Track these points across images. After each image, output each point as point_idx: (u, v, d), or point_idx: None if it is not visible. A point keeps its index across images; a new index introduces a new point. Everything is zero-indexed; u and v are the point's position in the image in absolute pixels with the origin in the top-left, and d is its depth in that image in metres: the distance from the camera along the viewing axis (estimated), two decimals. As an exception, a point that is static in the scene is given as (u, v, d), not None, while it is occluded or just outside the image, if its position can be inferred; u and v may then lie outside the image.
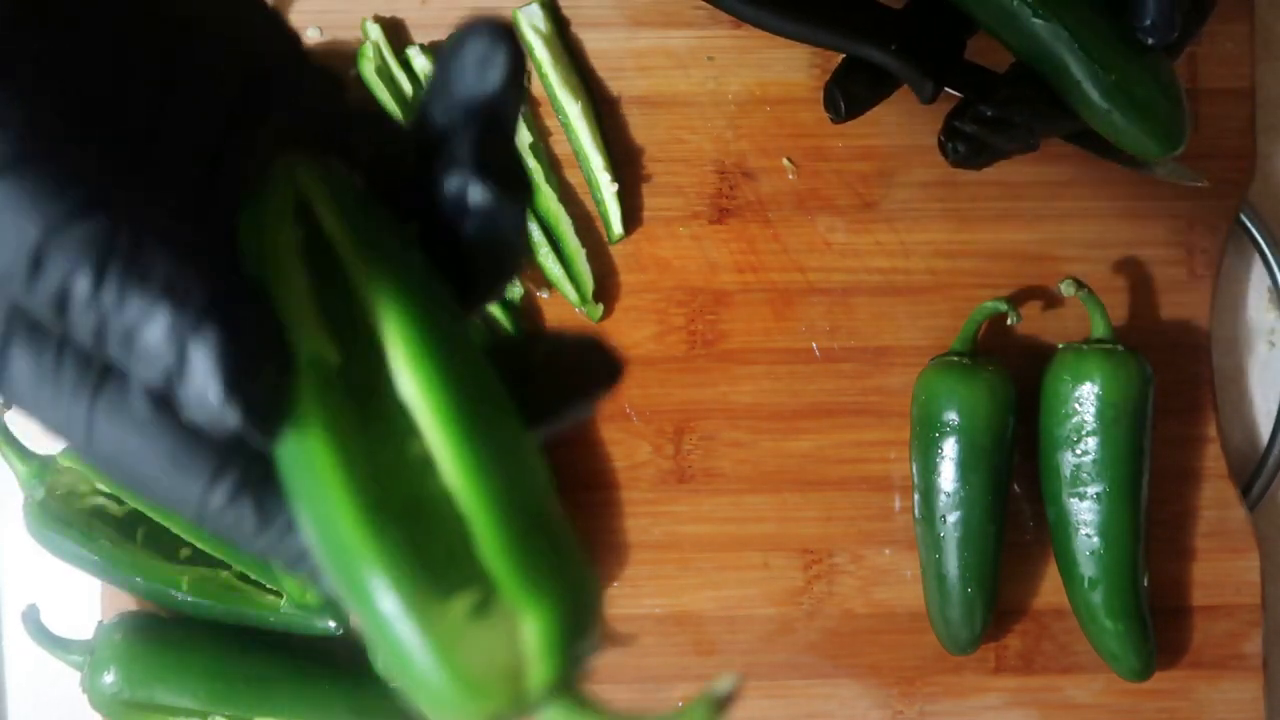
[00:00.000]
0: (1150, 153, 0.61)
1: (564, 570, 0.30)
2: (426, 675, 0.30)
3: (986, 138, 0.60)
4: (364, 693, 0.74)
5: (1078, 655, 0.77)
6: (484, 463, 0.30)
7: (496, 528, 0.29)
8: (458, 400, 0.30)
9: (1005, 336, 0.77)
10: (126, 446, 0.31)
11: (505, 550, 0.29)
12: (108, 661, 0.71)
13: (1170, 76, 0.60)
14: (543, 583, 0.29)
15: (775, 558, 0.77)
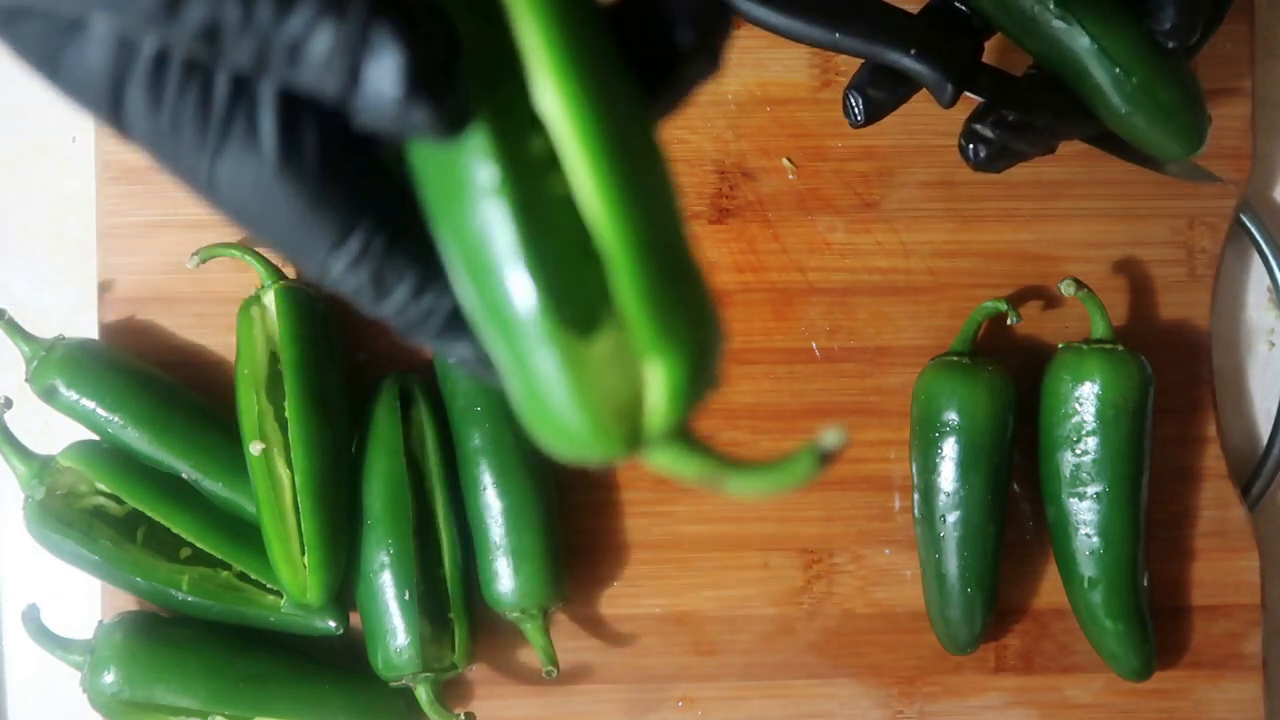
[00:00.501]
0: (1171, 154, 0.61)
1: (696, 320, 0.30)
2: (561, 410, 0.30)
3: (1008, 141, 0.60)
4: (364, 693, 0.74)
5: (1078, 655, 0.77)
6: (626, 189, 0.29)
7: (637, 274, 0.29)
8: (606, 134, 0.29)
9: (1005, 336, 0.77)
10: (251, 203, 0.30)
11: (644, 298, 0.29)
12: (108, 661, 0.71)
13: (1191, 78, 0.60)
14: (675, 333, 0.29)
15: (775, 558, 0.77)
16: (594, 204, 0.29)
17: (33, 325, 0.75)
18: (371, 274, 0.31)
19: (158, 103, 0.30)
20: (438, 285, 0.32)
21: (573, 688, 0.77)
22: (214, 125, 0.30)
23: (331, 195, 0.31)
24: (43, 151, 0.79)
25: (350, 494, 0.73)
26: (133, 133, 0.31)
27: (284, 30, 0.27)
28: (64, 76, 0.30)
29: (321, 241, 0.31)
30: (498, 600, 0.73)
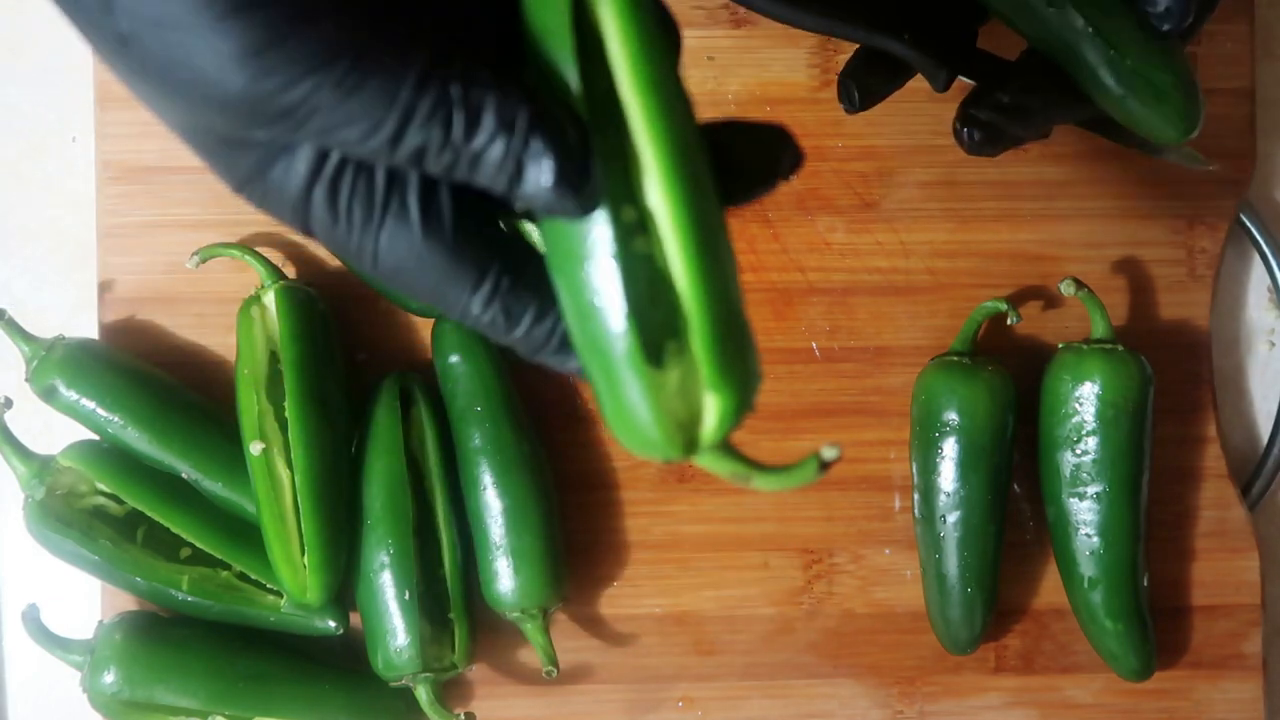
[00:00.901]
0: (1165, 137, 0.60)
1: (745, 366, 0.42)
2: (639, 422, 0.39)
3: (1003, 125, 0.60)
4: (364, 693, 0.74)
5: (1078, 655, 0.77)
6: (708, 268, 0.39)
7: (709, 332, 0.39)
8: (695, 210, 0.38)
9: (1005, 336, 0.77)
10: (406, 265, 0.40)
11: (711, 349, 0.40)
12: (108, 661, 0.71)
13: (1184, 61, 0.60)
14: (730, 375, 0.41)
15: (775, 558, 0.77)
16: (683, 277, 0.39)
17: (33, 325, 0.75)
18: (502, 309, 0.41)
19: (335, 201, 0.39)
20: (553, 314, 0.41)
21: (573, 688, 0.77)
22: (376, 211, 0.39)
23: (465, 250, 0.40)
24: (43, 151, 0.79)
25: (350, 494, 0.73)
26: (314, 226, 0.40)
27: (470, 147, 0.37)
28: (261, 189, 0.39)
29: (462, 288, 0.40)
30: (498, 600, 0.73)
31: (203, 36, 0.34)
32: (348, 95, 0.36)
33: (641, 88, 0.38)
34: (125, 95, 0.78)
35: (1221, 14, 0.76)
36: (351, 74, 0.35)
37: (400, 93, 0.36)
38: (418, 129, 0.36)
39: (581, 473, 0.77)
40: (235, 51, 0.35)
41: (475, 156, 0.37)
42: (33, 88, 0.79)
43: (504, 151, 0.37)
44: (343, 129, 0.36)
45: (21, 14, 0.79)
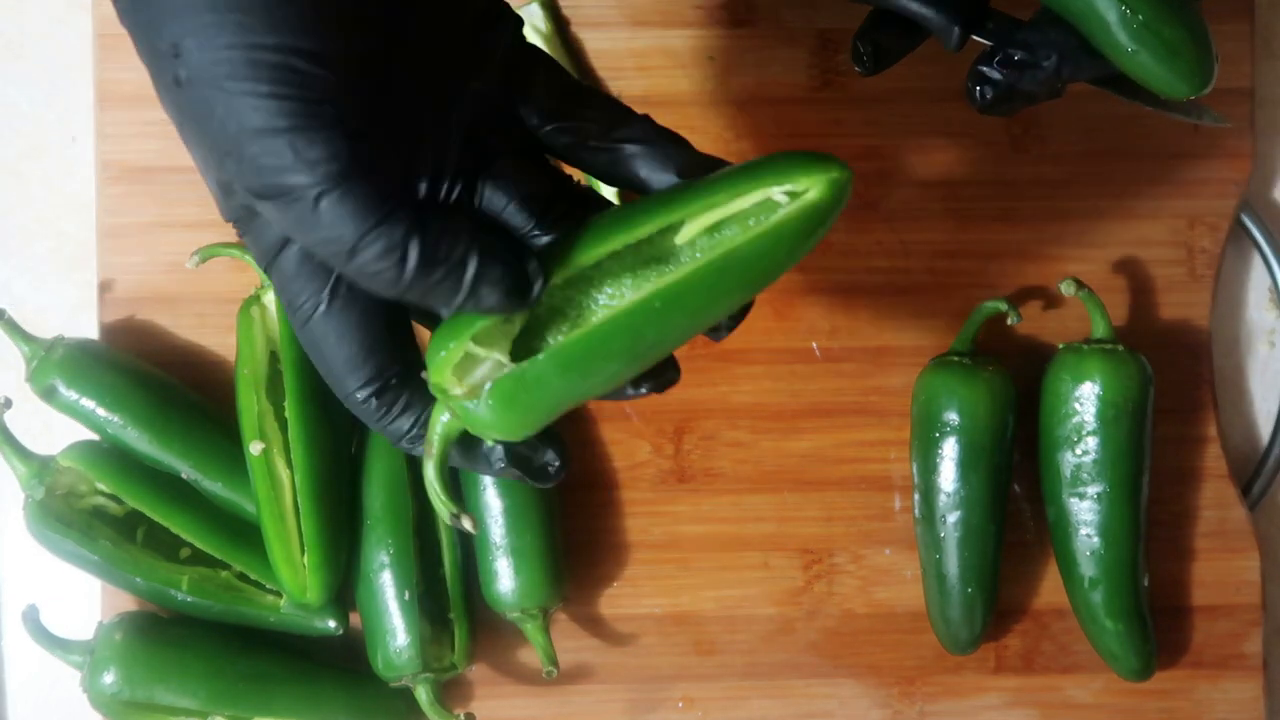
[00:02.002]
0: (1179, 93, 0.60)
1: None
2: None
3: (1014, 81, 0.60)
4: (364, 693, 0.74)
5: (1078, 655, 0.77)
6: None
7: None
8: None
9: (1005, 336, 0.77)
10: (326, 340, 0.47)
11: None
12: (108, 661, 0.71)
13: (1196, 16, 0.60)
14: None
15: (775, 558, 0.77)
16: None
17: (33, 325, 0.75)
18: (378, 403, 0.48)
19: (301, 266, 0.46)
20: (419, 416, 0.49)
21: (573, 688, 0.77)
22: (327, 289, 0.47)
23: (376, 351, 0.47)
24: (43, 151, 0.79)
25: (350, 494, 0.73)
26: (273, 274, 0.47)
27: (421, 282, 0.43)
28: (245, 226, 0.47)
29: (357, 378, 0.48)
30: (498, 600, 0.73)
31: (230, 104, 0.41)
32: (334, 201, 0.41)
33: None
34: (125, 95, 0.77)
35: (1221, 14, 0.76)
36: (339, 186, 0.41)
37: (364, 217, 0.42)
38: (372, 252, 0.42)
39: (581, 473, 0.77)
40: (257, 129, 0.41)
41: (425, 290, 0.43)
42: (33, 88, 0.79)
43: (455, 284, 0.44)
44: (321, 228, 0.42)
45: (21, 14, 0.79)
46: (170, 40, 0.41)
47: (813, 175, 0.47)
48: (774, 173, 0.47)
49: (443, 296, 0.44)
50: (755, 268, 0.47)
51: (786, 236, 0.47)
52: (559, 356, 0.46)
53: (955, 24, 0.61)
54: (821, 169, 0.47)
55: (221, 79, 0.40)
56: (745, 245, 0.46)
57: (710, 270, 0.46)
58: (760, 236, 0.46)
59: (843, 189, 0.47)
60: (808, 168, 0.47)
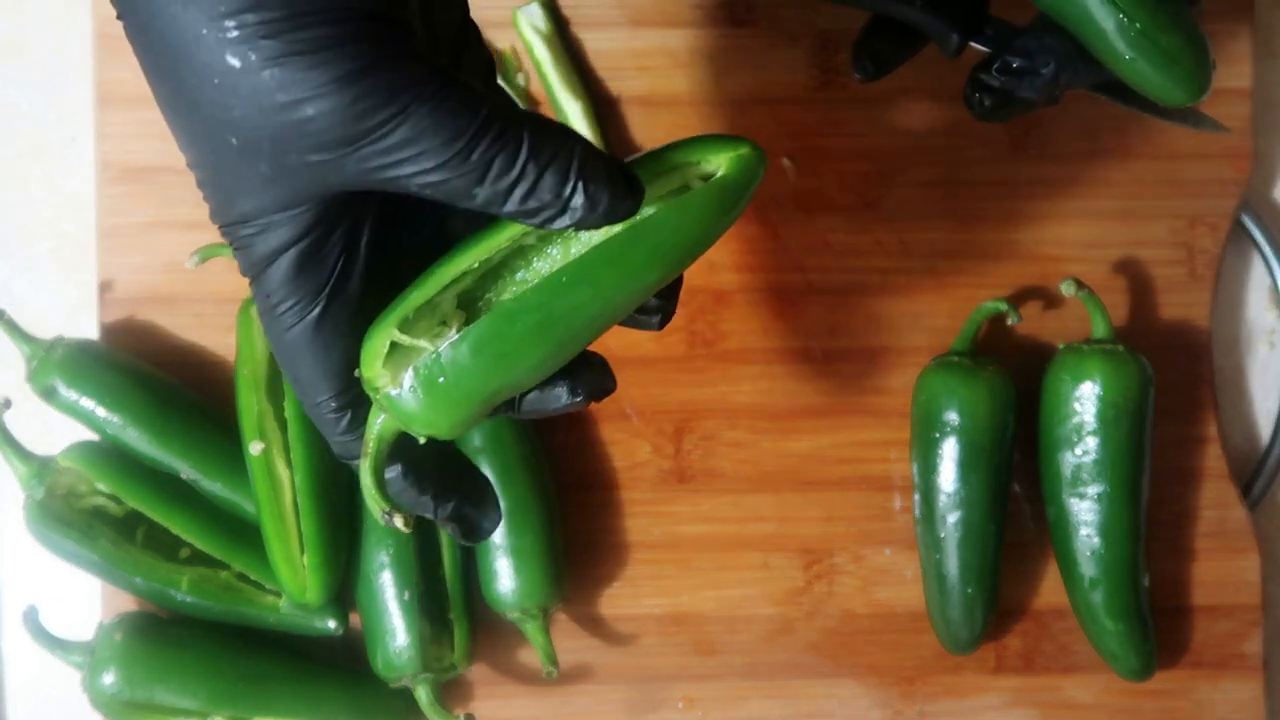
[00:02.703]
0: (1175, 100, 0.60)
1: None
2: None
3: (1012, 89, 0.60)
4: (364, 693, 0.74)
5: (1078, 655, 0.77)
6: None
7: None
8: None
9: (1005, 336, 0.77)
10: (303, 349, 0.47)
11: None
12: (108, 661, 0.71)
13: (1194, 24, 0.60)
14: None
15: (775, 558, 0.77)
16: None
17: (33, 325, 0.75)
18: (348, 417, 0.48)
19: (294, 275, 0.46)
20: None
21: (573, 688, 0.77)
22: (313, 298, 0.46)
23: (351, 367, 0.47)
24: (43, 151, 0.79)
25: (350, 494, 0.73)
26: (263, 283, 0.46)
27: (534, 165, 0.43)
28: (238, 232, 0.45)
29: (329, 390, 0.48)
30: (498, 600, 0.73)
31: (308, 71, 0.41)
32: (431, 112, 0.42)
33: None
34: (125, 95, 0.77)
35: (1221, 14, 0.76)
36: (440, 92, 0.42)
37: (480, 109, 0.42)
38: (491, 142, 0.42)
39: (581, 473, 0.77)
40: (337, 76, 0.41)
41: (538, 177, 0.43)
42: (33, 88, 0.79)
43: (559, 180, 0.43)
44: (423, 141, 0.42)
45: (21, 14, 0.79)
46: (220, 17, 0.41)
47: (722, 154, 0.48)
48: (685, 153, 0.48)
49: (550, 188, 0.43)
50: (666, 242, 0.47)
51: (695, 210, 0.47)
52: (473, 338, 0.46)
53: (954, 31, 0.61)
54: (730, 147, 0.48)
55: (297, 41, 0.41)
56: (652, 219, 0.47)
57: (617, 244, 0.46)
58: (668, 210, 0.47)
59: (753, 167, 0.48)
60: (718, 147, 0.48)
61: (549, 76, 0.75)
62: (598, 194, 0.44)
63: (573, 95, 0.75)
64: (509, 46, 0.76)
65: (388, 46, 0.42)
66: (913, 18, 0.61)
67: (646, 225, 0.47)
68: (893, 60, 0.63)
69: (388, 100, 0.41)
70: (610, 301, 0.47)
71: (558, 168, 0.43)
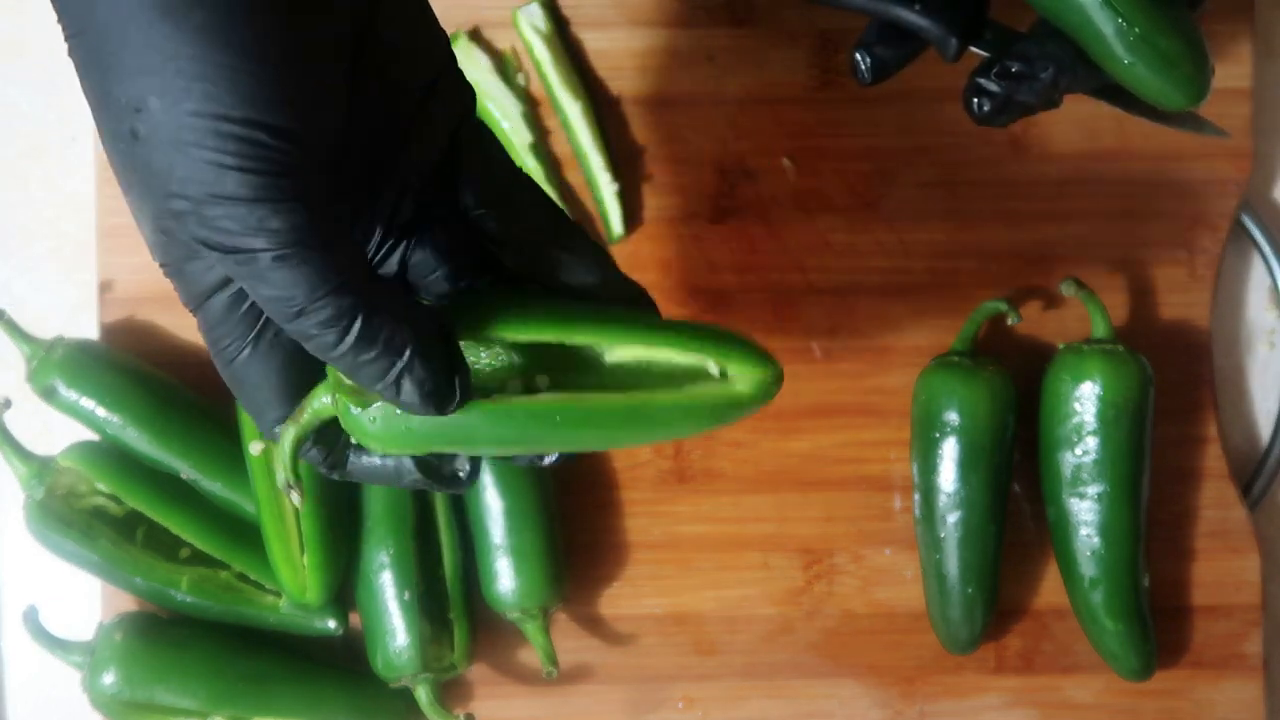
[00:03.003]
0: (1174, 104, 0.61)
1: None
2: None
3: (1012, 93, 0.60)
4: (364, 693, 0.74)
5: (1078, 655, 0.77)
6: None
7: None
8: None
9: (1005, 336, 0.77)
10: (249, 379, 0.48)
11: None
12: (108, 661, 0.71)
13: (1193, 28, 0.60)
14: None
15: (775, 558, 0.77)
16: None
17: (33, 325, 0.75)
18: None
19: (231, 310, 0.47)
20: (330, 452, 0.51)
21: (573, 688, 0.77)
22: (253, 333, 0.47)
23: (296, 392, 0.49)
24: (43, 151, 0.79)
25: (350, 494, 0.73)
26: (203, 313, 0.47)
27: (356, 357, 0.44)
28: (179, 271, 0.47)
29: (275, 414, 0.49)
30: (498, 600, 0.73)
31: (194, 167, 0.41)
32: (281, 266, 0.42)
33: None
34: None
35: (1221, 14, 0.76)
36: (297, 253, 0.42)
37: (325, 285, 0.43)
38: (316, 318, 0.43)
39: (581, 473, 0.77)
40: (214, 195, 0.41)
41: (355, 364, 0.44)
42: (33, 88, 0.79)
43: (386, 368, 0.45)
44: (265, 284, 0.43)
45: (21, 14, 0.79)
46: (132, 95, 0.41)
47: (748, 368, 0.49)
48: (718, 348, 0.49)
49: (368, 376, 0.45)
50: (660, 427, 0.48)
51: (700, 413, 0.48)
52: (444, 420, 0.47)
53: (953, 35, 0.61)
54: (759, 366, 0.49)
55: (186, 143, 0.41)
56: (660, 405, 0.48)
57: (619, 413, 0.48)
58: (677, 404, 0.48)
59: (768, 391, 0.49)
60: (748, 359, 0.49)
61: (549, 76, 0.75)
62: (412, 398, 0.45)
63: (573, 95, 0.75)
64: (509, 46, 0.76)
65: (280, 187, 0.42)
66: (912, 23, 0.61)
67: (650, 407, 0.48)
68: (892, 65, 0.63)
69: (243, 235, 0.42)
70: (577, 445, 0.49)
71: (378, 366, 0.44)
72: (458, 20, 0.76)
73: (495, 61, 0.76)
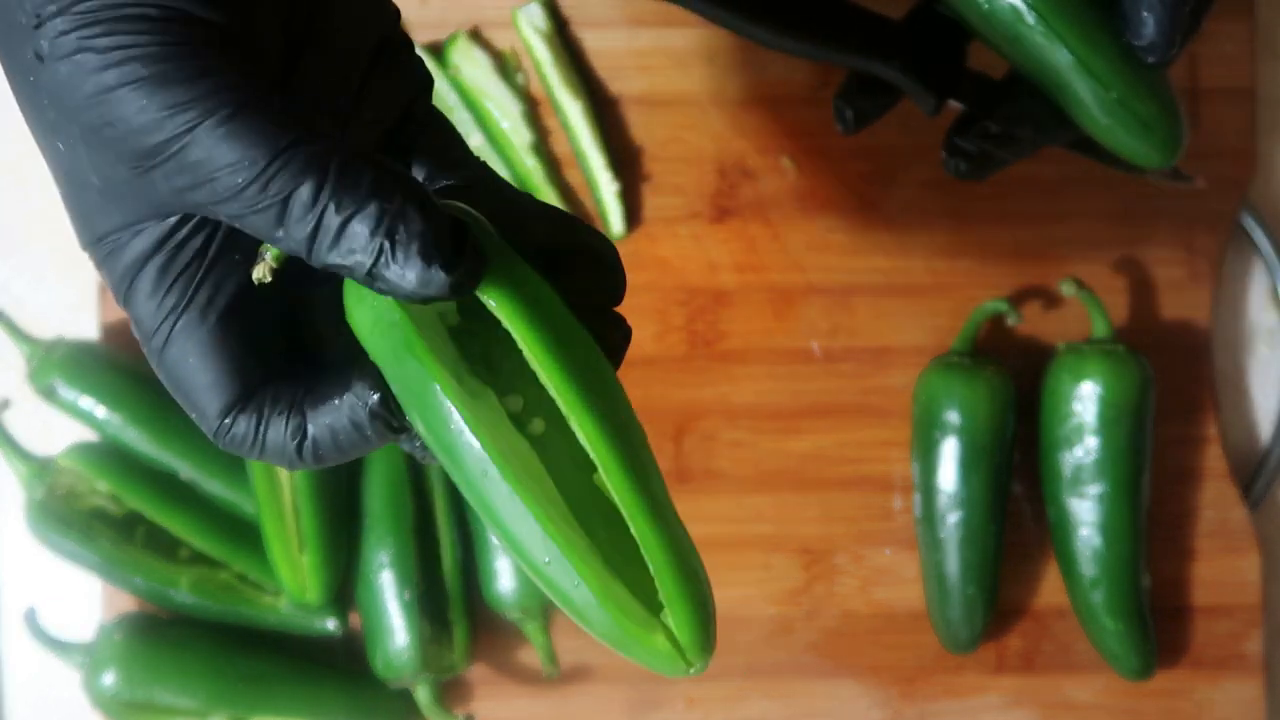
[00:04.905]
0: (1149, 162, 0.63)
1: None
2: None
3: (990, 152, 0.62)
4: (364, 693, 0.74)
5: (1078, 655, 0.77)
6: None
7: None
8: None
9: (1005, 336, 0.77)
10: (185, 359, 0.40)
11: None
12: (108, 662, 0.71)
13: (1168, 91, 0.62)
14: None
15: (775, 558, 0.77)
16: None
17: (33, 325, 0.75)
18: (252, 427, 0.41)
19: (161, 279, 0.40)
20: (299, 437, 0.41)
21: (573, 688, 0.77)
22: (186, 298, 0.40)
23: (241, 363, 0.41)
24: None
25: (350, 494, 0.73)
26: (133, 298, 0.41)
27: (338, 213, 0.36)
28: (106, 249, 0.41)
29: (221, 400, 0.41)
30: (498, 600, 0.73)
31: (102, 73, 0.38)
32: (225, 134, 0.37)
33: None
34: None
35: (1221, 14, 0.76)
36: (238, 112, 0.37)
37: (283, 137, 0.36)
38: (289, 173, 0.36)
39: (581, 473, 0.77)
40: (124, 81, 0.37)
41: (341, 225, 0.36)
42: (33, 88, 0.79)
43: (375, 221, 0.36)
44: (212, 165, 0.37)
45: (21, 14, 0.79)
46: (30, 9, 0.38)
47: (683, 630, 0.39)
48: (677, 586, 0.39)
49: (357, 238, 0.36)
50: (567, 597, 0.42)
51: (620, 624, 0.42)
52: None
53: (931, 90, 0.63)
54: (692, 636, 0.39)
55: (94, 37, 0.37)
56: (590, 579, 0.41)
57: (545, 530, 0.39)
58: (607, 594, 0.41)
59: (677, 659, 0.39)
60: (690, 624, 0.38)
61: (549, 76, 0.75)
62: (406, 266, 0.36)
63: (573, 95, 0.75)
64: (509, 46, 0.76)
65: (192, 55, 0.37)
66: (891, 78, 0.62)
67: (581, 611, 0.41)
68: (873, 113, 0.64)
69: (175, 112, 0.37)
70: (476, 503, 0.39)
71: (365, 218, 0.36)
72: (458, 20, 0.76)
73: (495, 61, 0.76)
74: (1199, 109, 0.76)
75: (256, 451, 0.41)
